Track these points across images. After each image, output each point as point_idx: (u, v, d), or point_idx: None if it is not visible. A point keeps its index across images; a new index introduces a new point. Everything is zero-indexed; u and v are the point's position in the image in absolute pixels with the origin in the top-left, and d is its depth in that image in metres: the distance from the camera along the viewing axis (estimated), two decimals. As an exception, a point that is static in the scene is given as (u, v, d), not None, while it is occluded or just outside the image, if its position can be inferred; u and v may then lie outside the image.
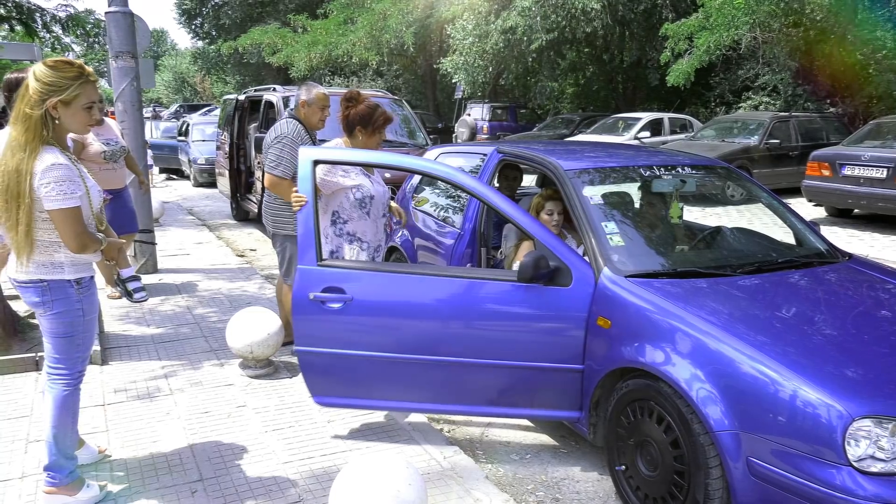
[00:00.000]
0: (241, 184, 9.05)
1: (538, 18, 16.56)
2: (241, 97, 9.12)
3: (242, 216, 9.45)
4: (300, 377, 3.92)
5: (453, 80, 20.95)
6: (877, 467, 2.09)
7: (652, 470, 2.62)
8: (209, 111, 21.62)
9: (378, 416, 3.47)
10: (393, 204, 3.91)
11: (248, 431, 3.27)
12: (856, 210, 9.63)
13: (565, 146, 4.67)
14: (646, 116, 15.05)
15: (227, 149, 9.13)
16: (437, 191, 4.83)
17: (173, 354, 4.25)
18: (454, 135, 20.18)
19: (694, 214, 4.49)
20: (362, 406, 3.21)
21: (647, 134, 14.34)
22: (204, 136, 14.18)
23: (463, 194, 4.24)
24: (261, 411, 3.49)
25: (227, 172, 9.30)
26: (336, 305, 3.00)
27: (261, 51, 24.77)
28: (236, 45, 25.18)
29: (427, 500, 2.26)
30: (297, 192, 3.14)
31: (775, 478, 2.19)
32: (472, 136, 19.30)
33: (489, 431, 3.51)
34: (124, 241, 2.87)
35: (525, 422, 3.59)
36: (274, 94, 7.86)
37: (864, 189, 8.84)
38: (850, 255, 3.47)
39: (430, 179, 4.89)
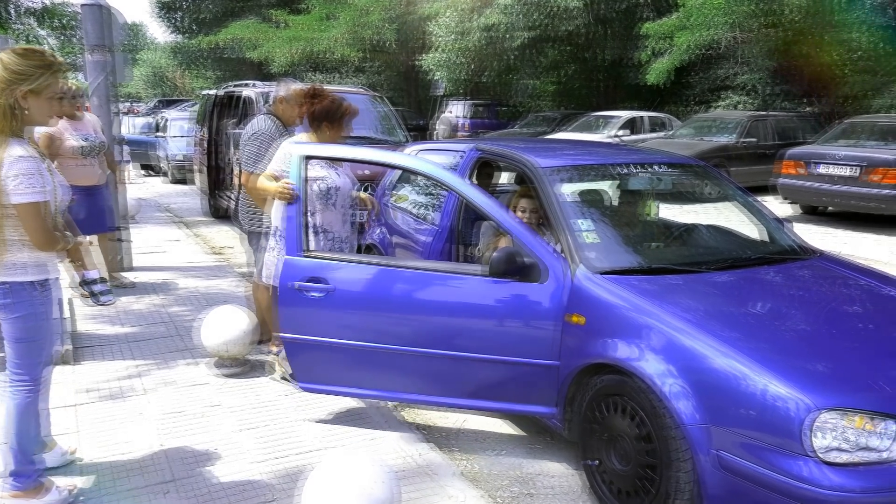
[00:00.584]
0: (218, 181, 8.97)
1: (519, 16, 16.60)
2: (219, 93, 9.04)
3: (218, 213, 9.36)
4: (275, 375, 3.91)
5: (434, 77, 20.92)
6: (842, 458, 2.13)
7: (624, 464, 2.64)
8: (187, 106, 21.41)
9: (353, 414, 3.46)
10: (363, 194, 3.91)
11: (222, 431, 3.24)
12: (829, 208, 9.77)
13: (542, 144, 4.69)
14: (624, 115, 15.14)
15: (204, 145, 9.04)
16: (414, 188, 4.82)
17: (146, 353, 4.20)
18: (434, 131, 20.17)
19: (668, 212, 4.53)
20: (343, 393, 3.32)
21: (626, 132, 14.42)
22: (181, 131, 14.03)
23: (440, 192, 4.24)
24: (235, 410, 3.46)
25: (203, 169, 9.21)
26: (318, 295, 3.08)
27: (240, 46, 24.54)
28: (215, 39, 24.90)
29: (400, 498, 2.26)
30: (288, 182, 3.20)
31: (743, 470, 2.22)
32: (452, 133, 19.30)
33: (464, 427, 3.52)
34: (90, 241, 2.83)
35: (500, 417, 3.61)
36: (252, 90, 7.79)
37: (837, 187, 8.98)
38: (821, 252, 3.52)
39: (407, 177, 4.88)
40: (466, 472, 3.06)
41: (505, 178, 4.96)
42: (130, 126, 16.66)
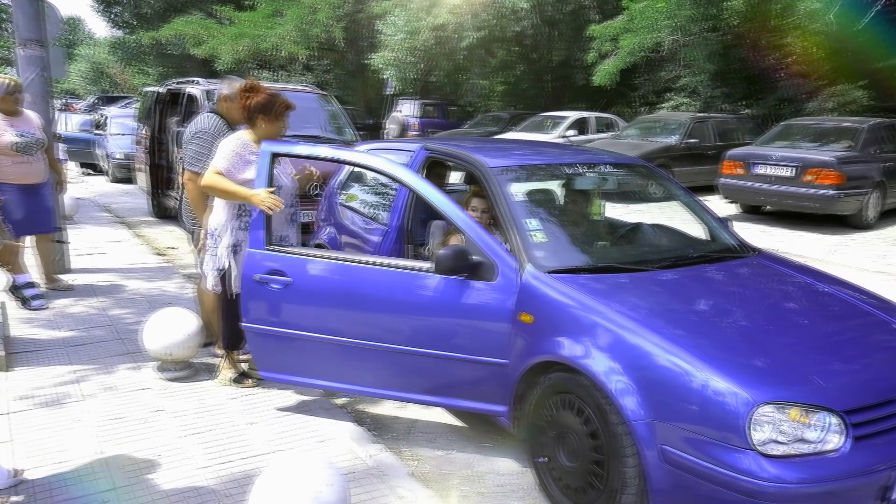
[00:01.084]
0: (162, 180, 8.73)
1: (468, 16, 16.67)
2: (162, 90, 8.80)
3: (162, 213, 9.11)
4: (222, 378, 3.82)
5: (383, 76, 20.83)
6: (778, 450, 2.20)
7: (572, 461, 2.68)
8: (128, 104, 20.76)
9: (303, 417, 3.41)
10: (309, 167, 3.86)
11: (165, 437, 3.15)
12: (768, 207, 10.12)
13: (491, 144, 4.72)
14: (572, 115, 15.36)
15: (147, 143, 8.79)
16: (364, 188, 4.79)
17: (85, 358, 4.05)
18: (384, 131, 20.08)
19: (615, 211, 4.62)
20: (301, 383, 3.41)
21: (574, 132, 14.64)
22: (122, 129, 13.60)
23: (390, 191, 4.22)
24: (178, 415, 3.37)
25: (146, 168, 8.95)
26: (277, 287, 3.22)
27: (184, 42, 23.92)
28: (157, 35, 24.21)
29: (349, 501, 2.24)
30: (274, 196, 3.28)
31: (686, 464, 2.28)
32: (402, 132, 19.26)
33: (415, 427, 3.51)
34: (22, 244, 2.71)
35: (451, 417, 3.61)
36: (196, 88, 7.60)
37: (774, 187, 9.31)
38: (760, 251, 3.64)
39: (357, 176, 4.85)
40: (417, 472, 3.05)
41: (455, 177, 4.97)
42: (67, 123, 16.04)
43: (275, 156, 3.42)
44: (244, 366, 3.91)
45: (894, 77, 13.61)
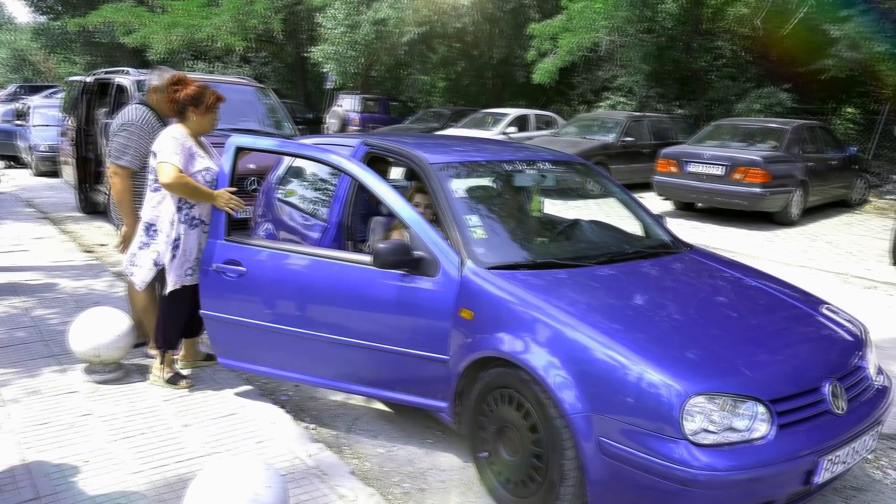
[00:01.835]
0: (89, 173, 8.36)
1: (409, 11, 16.60)
2: (89, 79, 8.43)
3: (91, 209, 8.73)
4: (154, 379, 3.70)
5: (324, 70, 20.53)
6: (709, 439, 2.28)
7: (512, 455, 2.71)
8: (53, 93, 19.82)
9: (240, 418, 3.34)
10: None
11: (94, 442, 3.02)
12: (699, 204, 10.47)
13: (431, 140, 4.71)
14: (513, 112, 15.51)
15: (73, 135, 8.40)
16: (303, 182, 4.71)
17: (6, 361, 3.85)
18: (325, 125, 19.82)
19: (553, 207, 4.69)
20: (255, 371, 3.49)
21: (514, 129, 14.78)
22: (46, 120, 12.97)
23: (330, 186, 4.16)
24: (108, 419, 3.24)
25: (72, 161, 8.56)
26: (232, 277, 3.33)
27: (113, 30, 22.99)
28: (84, 22, 23.18)
29: (288, 501, 2.19)
30: (233, 197, 3.37)
31: (623, 455, 2.33)
32: (343, 127, 19.04)
33: (356, 425, 3.48)
34: None
35: (392, 414, 3.60)
36: (126, 78, 7.32)
37: (705, 184, 9.63)
38: (691, 246, 3.76)
39: (295, 171, 4.76)
40: (358, 470, 3.03)
41: (396, 173, 4.94)
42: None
43: (239, 150, 3.46)
44: (178, 365, 3.80)
45: (816, 81, 14.29)
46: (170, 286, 3.50)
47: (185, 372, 3.79)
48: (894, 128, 7.00)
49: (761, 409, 2.35)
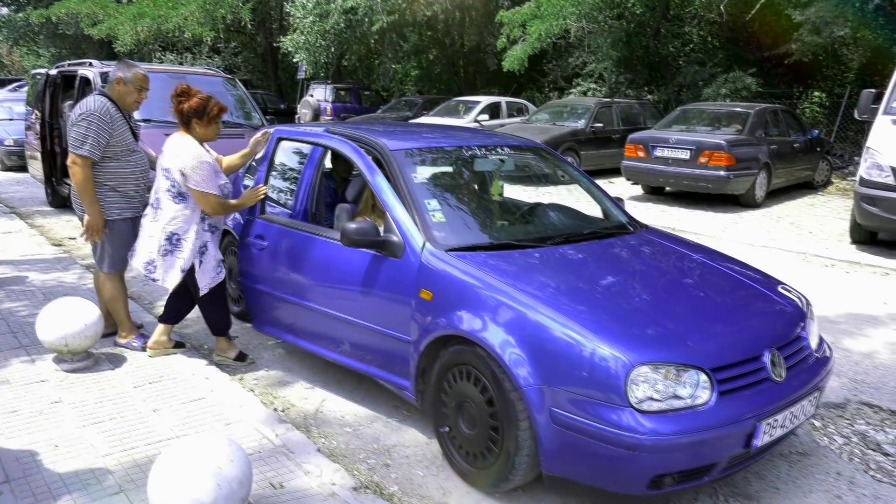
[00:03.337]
0: (57, 167, 8.30)
1: (378, 0, 16.55)
2: (53, 72, 8.35)
3: (59, 202, 8.68)
4: (123, 368, 3.76)
5: (295, 60, 20.41)
6: (654, 407, 2.40)
7: (471, 428, 2.82)
8: (18, 87, 19.47)
9: (209, 402, 3.41)
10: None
11: (64, 427, 3.08)
12: (667, 188, 10.66)
13: (393, 127, 4.79)
14: (485, 100, 15.59)
15: (39, 129, 8.33)
16: (272, 172, 4.74)
17: (-25, 353, 3.88)
18: (297, 116, 19.74)
19: (512, 191, 4.80)
20: (278, 336, 3.99)
21: (486, 117, 14.87)
22: (11, 114, 12.80)
23: (295, 174, 4.22)
24: (77, 406, 3.30)
25: (39, 155, 8.48)
26: (258, 250, 3.86)
27: (78, 21, 22.55)
28: (47, 13, 22.71)
29: (252, 476, 2.28)
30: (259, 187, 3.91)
31: (573, 424, 2.45)
32: (316, 117, 18.99)
33: (323, 407, 3.57)
34: None
35: (360, 397, 3.69)
36: (90, 70, 7.28)
37: (672, 169, 9.81)
38: (647, 226, 3.89)
39: (259, 160, 4.80)
40: (325, 448, 3.12)
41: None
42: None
43: (280, 139, 4.06)
44: (148, 353, 3.89)
45: (780, 65, 14.56)
46: (203, 289, 3.77)
47: (174, 355, 3.96)
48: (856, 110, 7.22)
49: (703, 377, 2.48)
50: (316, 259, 3.54)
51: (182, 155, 3.58)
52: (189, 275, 3.75)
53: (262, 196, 3.89)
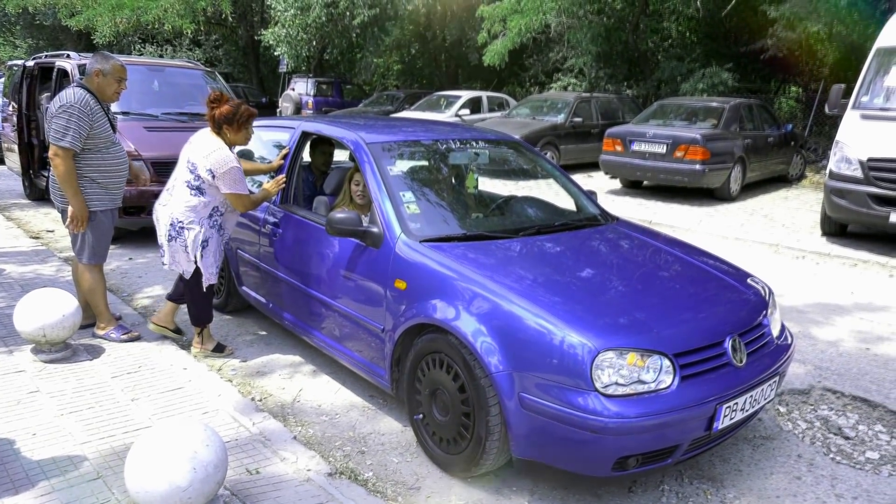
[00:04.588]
0: (34, 159, 8.25)
1: (360, -7, 16.54)
2: (30, 63, 8.28)
3: (37, 195, 8.63)
4: (101, 359, 3.79)
5: (276, 53, 20.32)
6: (619, 391, 2.49)
7: (444, 415, 2.89)
8: (-6, 79, 19.14)
9: (187, 392, 3.45)
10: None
11: (41, 417, 3.11)
12: (645, 181, 10.79)
13: (369, 121, 4.84)
14: (466, 94, 15.65)
15: (16, 121, 8.26)
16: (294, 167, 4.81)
17: (-48, 345, 3.89)
18: (278, 110, 19.67)
19: (486, 184, 4.88)
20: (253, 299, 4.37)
21: (467, 111, 14.93)
22: (-13, 106, 12.60)
23: (273, 168, 4.26)
24: (56, 395, 3.33)
25: (16, 147, 8.42)
26: (276, 237, 4.03)
27: (56, 12, 22.25)
28: (23, 4, 22.39)
29: (227, 460, 2.34)
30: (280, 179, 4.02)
31: (541, 408, 2.53)
32: (297, 111, 18.94)
33: (301, 397, 3.63)
34: None
35: (337, 386, 3.75)
36: (68, 62, 7.23)
37: (649, 163, 9.94)
38: (617, 219, 3.98)
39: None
40: (301, 436, 3.18)
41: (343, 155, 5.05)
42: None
43: (304, 135, 4.16)
44: (151, 327, 4.17)
45: (757, 60, 14.75)
46: (187, 275, 3.84)
47: (176, 333, 4.14)
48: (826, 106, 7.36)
49: (666, 362, 2.57)
50: (298, 243, 3.80)
51: (213, 157, 3.66)
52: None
53: (283, 186, 4.03)
